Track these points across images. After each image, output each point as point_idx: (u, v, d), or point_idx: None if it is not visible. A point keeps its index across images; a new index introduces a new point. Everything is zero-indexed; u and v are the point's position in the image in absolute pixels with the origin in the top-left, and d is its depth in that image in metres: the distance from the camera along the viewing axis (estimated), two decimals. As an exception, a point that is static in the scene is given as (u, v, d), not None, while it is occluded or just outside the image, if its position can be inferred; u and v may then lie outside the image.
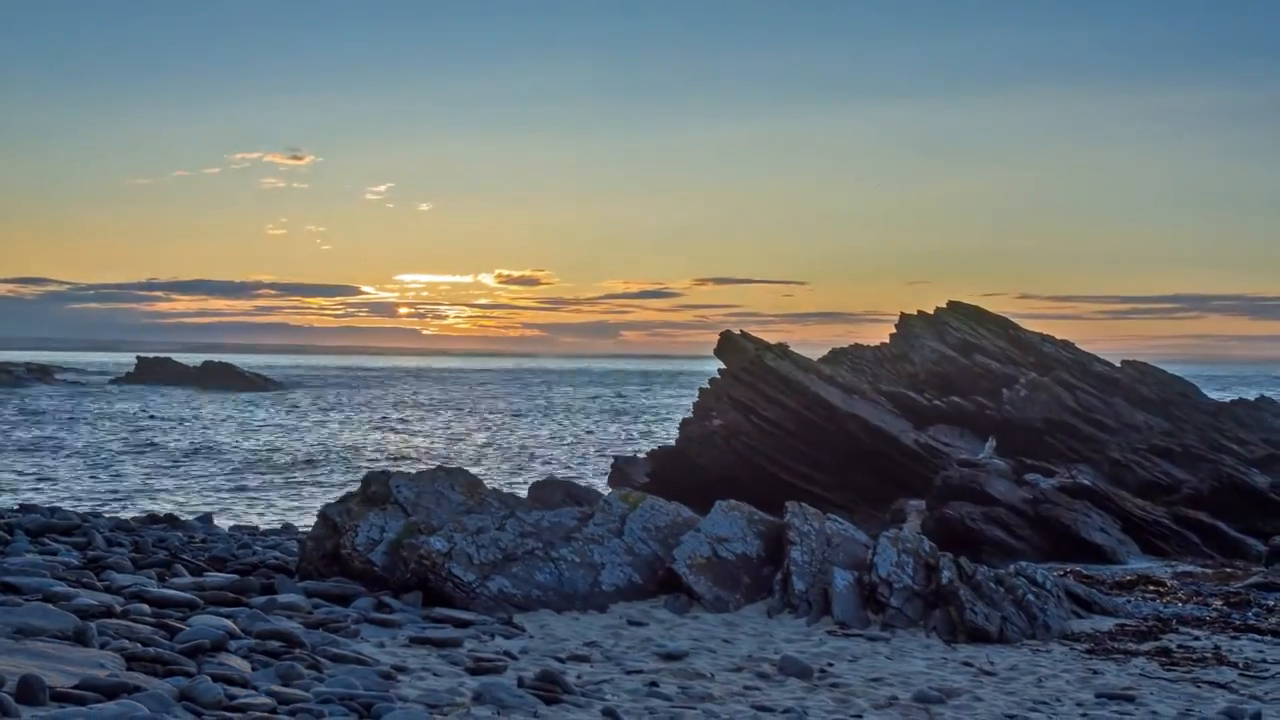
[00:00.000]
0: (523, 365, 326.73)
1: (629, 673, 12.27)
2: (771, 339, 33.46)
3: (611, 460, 39.47)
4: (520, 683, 11.01)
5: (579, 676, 11.86)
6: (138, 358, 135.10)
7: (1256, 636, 16.20)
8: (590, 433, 70.69)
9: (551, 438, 65.93)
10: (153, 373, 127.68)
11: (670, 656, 13.13)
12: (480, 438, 65.38)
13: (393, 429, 71.63)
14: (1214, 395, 43.04)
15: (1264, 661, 14.55)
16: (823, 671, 12.89)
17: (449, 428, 73.58)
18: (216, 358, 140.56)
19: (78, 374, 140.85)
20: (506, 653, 12.70)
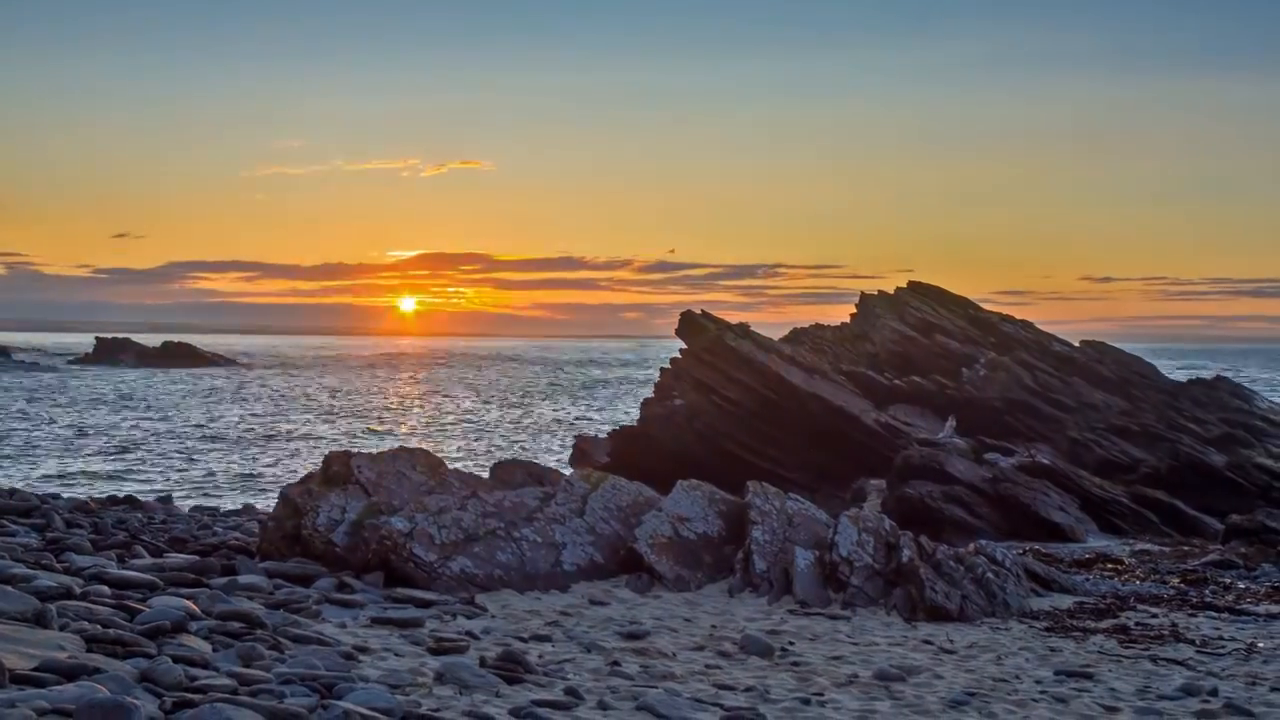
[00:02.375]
0: (532, 347, 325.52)
1: (591, 652, 12.29)
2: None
3: (573, 440, 39.52)
4: (482, 662, 11.00)
5: (541, 656, 11.86)
6: (96, 338, 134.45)
7: (1213, 614, 16.34)
8: (573, 412, 70.69)
9: (522, 418, 65.93)
10: (111, 353, 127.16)
11: (632, 636, 13.15)
12: (446, 418, 65.34)
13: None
14: None
15: (1220, 638, 14.68)
16: (784, 650, 12.93)
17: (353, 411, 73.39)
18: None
19: (40, 354, 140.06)
20: (468, 633, 12.69)
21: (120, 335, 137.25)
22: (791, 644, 13.30)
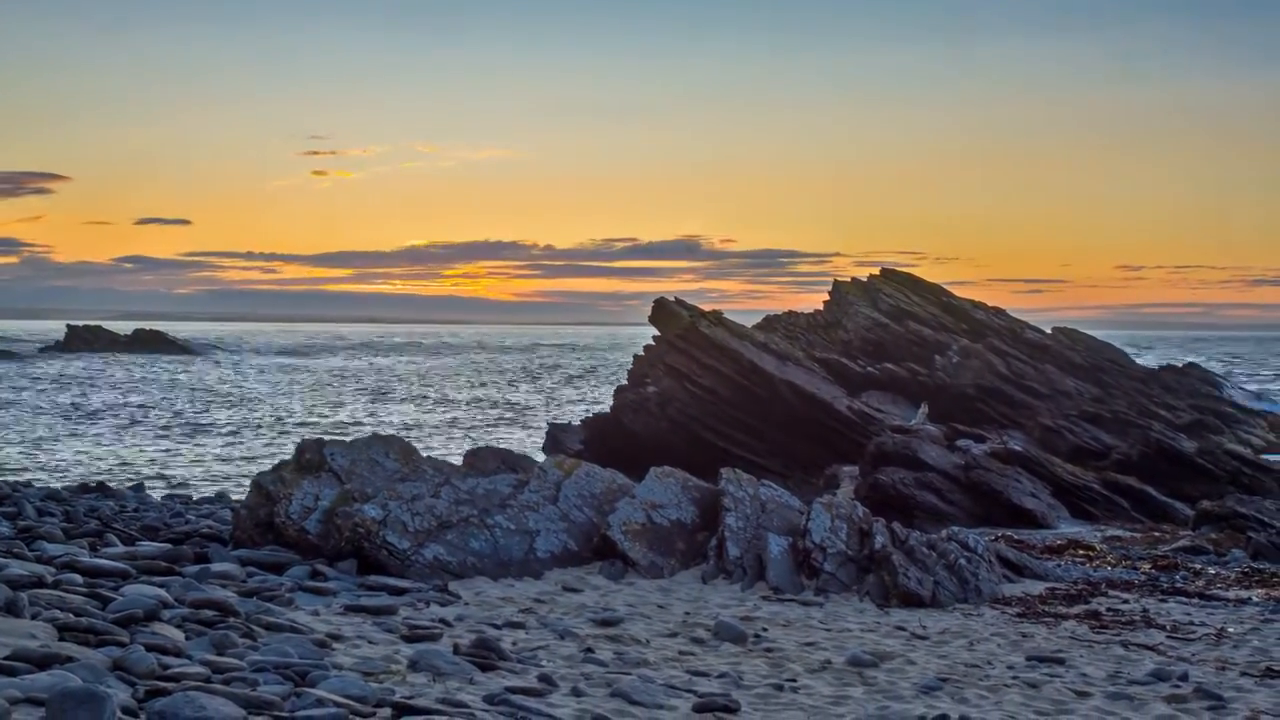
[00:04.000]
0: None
1: (564, 639, 12.30)
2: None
3: (547, 426, 39.51)
4: (456, 650, 11.00)
5: (514, 643, 11.86)
6: (68, 326, 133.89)
7: (1184, 599, 16.43)
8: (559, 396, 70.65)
9: (497, 405, 65.87)
10: (83, 341, 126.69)
11: (605, 622, 13.16)
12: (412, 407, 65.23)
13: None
14: None
15: (1191, 624, 14.76)
16: (757, 636, 12.96)
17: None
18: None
19: (12, 342, 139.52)
20: (442, 620, 12.69)
21: (91, 323, 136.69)
22: (765, 630, 13.33)
